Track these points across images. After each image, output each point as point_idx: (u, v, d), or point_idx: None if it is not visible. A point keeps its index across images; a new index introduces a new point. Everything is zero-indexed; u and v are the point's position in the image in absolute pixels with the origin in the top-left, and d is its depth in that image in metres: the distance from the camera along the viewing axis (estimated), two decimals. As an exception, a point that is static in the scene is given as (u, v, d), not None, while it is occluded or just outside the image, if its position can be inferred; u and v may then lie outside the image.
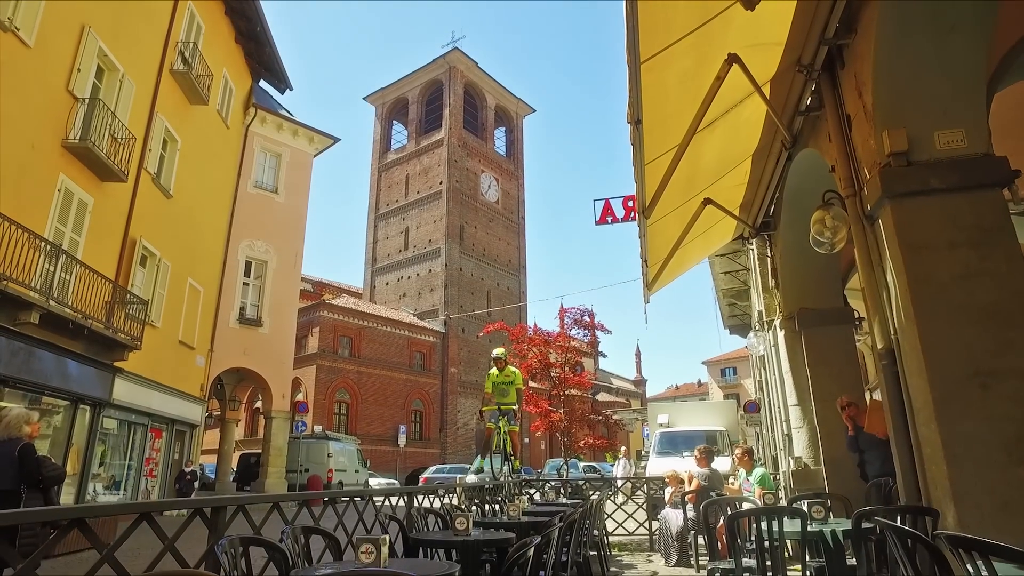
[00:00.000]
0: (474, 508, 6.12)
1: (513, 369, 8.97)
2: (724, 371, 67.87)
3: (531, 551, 2.29)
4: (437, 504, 5.47)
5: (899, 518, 3.17)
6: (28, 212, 10.45)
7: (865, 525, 3.30)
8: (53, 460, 5.63)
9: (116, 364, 13.06)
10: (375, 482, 25.36)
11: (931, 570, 2.17)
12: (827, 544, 3.45)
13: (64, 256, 11.22)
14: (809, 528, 3.60)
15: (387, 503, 4.32)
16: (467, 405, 42.14)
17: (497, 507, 7.11)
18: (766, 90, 4.60)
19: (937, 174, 3.50)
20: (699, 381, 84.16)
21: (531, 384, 25.25)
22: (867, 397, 7.13)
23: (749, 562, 4.06)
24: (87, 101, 12.15)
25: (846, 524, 3.76)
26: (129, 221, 14.00)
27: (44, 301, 10.16)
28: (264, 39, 20.54)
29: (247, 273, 20.69)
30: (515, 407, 8.81)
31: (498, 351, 9.05)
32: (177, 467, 16.67)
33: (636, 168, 4.05)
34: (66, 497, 11.59)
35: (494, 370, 8.88)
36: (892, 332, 3.82)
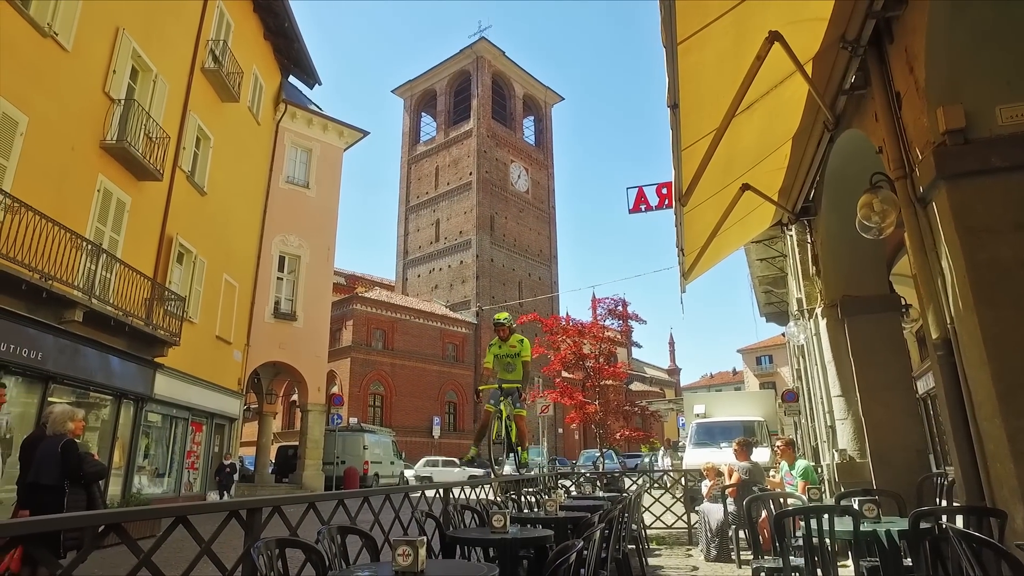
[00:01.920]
0: (510, 503, 6.06)
1: (520, 338, 7.15)
2: (760, 359, 66.71)
3: (573, 556, 2.21)
4: (473, 498, 5.42)
5: (962, 520, 2.99)
6: (70, 213, 10.69)
7: (923, 525, 3.13)
8: (95, 456, 5.73)
9: (157, 360, 13.35)
10: (410, 473, 25.60)
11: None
12: (881, 544, 3.29)
13: (105, 255, 11.46)
14: (861, 528, 3.44)
15: (423, 497, 4.28)
16: (500, 396, 42.22)
17: (533, 500, 7.05)
18: (808, 69, 4.40)
19: (999, 152, 3.28)
20: (734, 369, 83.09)
21: (564, 375, 25.10)
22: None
23: (796, 560, 3.92)
24: (123, 102, 12.37)
25: (900, 523, 3.59)
26: (166, 219, 14.25)
27: (87, 299, 10.40)
28: (292, 35, 20.67)
29: (281, 268, 20.95)
30: (520, 385, 7.01)
31: (501, 315, 7.17)
32: (217, 460, 17.02)
33: (674, 154, 3.90)
34: (113, 488, 11.93)
35: (496, 340, 7.16)
36: (948, 321, 3.62)
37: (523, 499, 6.83)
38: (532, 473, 17.16)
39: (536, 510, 6.46)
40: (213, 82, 16.45)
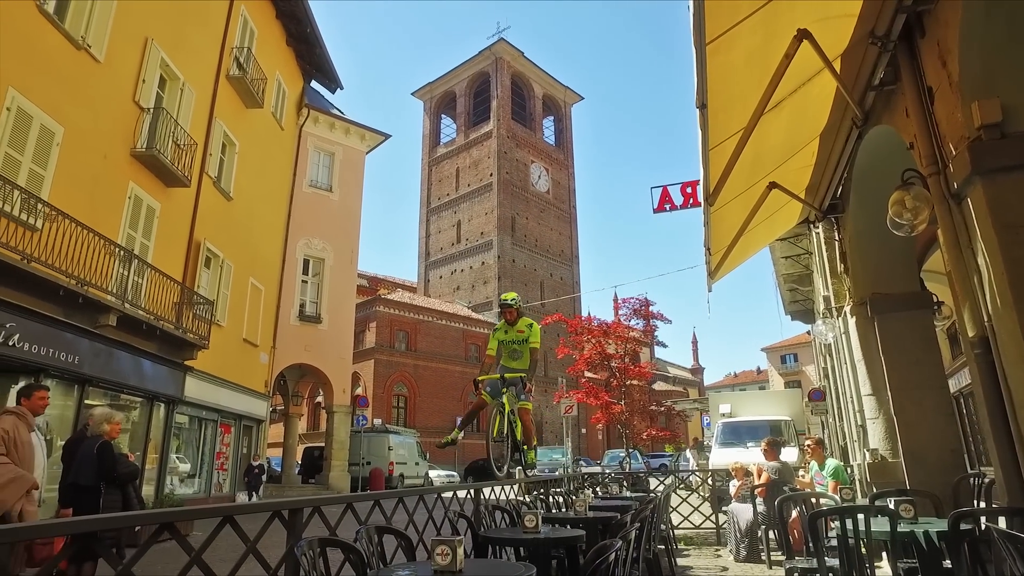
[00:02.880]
0: (539, 503, 6.08)
1: (529, 321, 6.23)
2: (784, 358, 65.93)
3: (612, 556, 2.23)
4: (503, 498, 5.45)
5: (1004, 521, 2.95)
6: (103, 219, 10.94)
7: (963, 527, 3.09)
8: (130, 457, 5.87)
9: (187, 363, 13.60)
10: (435, 474, 25.73)
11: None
12: (919, 546, 3.25)
13: (136, 260, 11.70)
14: (898, 528, 3.41)
15: (455, 497, 4.32)
16: (522, 396, 42.28)
17: (561, 500, 7.06)
18: (836, 65, 4.36)
19: (1037, 146, 3.23)
20: (758, 368, 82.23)
21: (587, 375, 25.04)
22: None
23: (831, 561, 3.89)
24: (152, 110, 12.63)
25: (938, 524, 3.54)
26: (193, 224, 14.52)
27: (120, 304, 10.64)
28: (314, 40, 20.92)
29: (305, 271, 21.21)
30: (525, 375, 5.99)
31: (508, 295, 6.27)
32: (246, 461, 17.28)
33: (702, 154, 3.89)
34: (146, 489, 12.17)
35: (501, 323, 6.27)
36: (985, 319, 3.56)
37: (551, 499, 6.84)
38: (557, 473, 17.19)
39: (565, 510, 6.48)
40: (238, 89, 16.71)
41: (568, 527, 4.56)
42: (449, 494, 4.23)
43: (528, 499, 6.42)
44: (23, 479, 4.70)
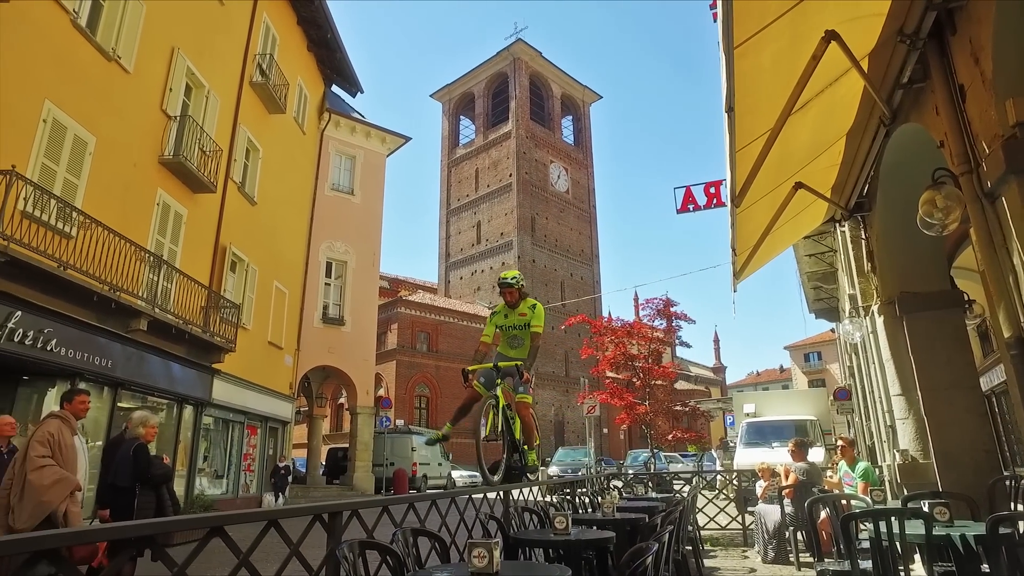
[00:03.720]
0: (566, 504, 6.11)
1: (532, 302, 5.40)
2: (808, 356, 65.11)
3: (650, 559, 2.25)
4: (531, 500, 5.49)
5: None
6: (133, 226, 11.17)
7: (1002, 530, 3.05)
8: (165, 460, 6.01)
9: (214, 366, 13.83)
10: (457, 475, 25.83)
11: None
12: (956, 549, 3.22)
13: (165, 266, 11.93)
14: (933, 532, 3.38)
15: (485, 499, 4.37)
16: (545, 396, 42.32)
17: (587, 500, 7.08)
18: (864, 65, 4.33)
19: (1073, 145, 3.18)
20: (781, 367, 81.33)
21: (609, 374, 24.96)
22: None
23: (864, 563, 3.86)
24: (178, 118, 12.86)
25: (975, 527, 3.51)
26: (219, 229, 14.76)
27: (151, 309, 10.87)
28: (335, 45, 21.13)
29: (328, 273, 21.44)
30: (525, 363, 5.09)
31: (509, 273, 5.33)
32: (272, 462, 17.52)
33: (729, 156, 3.90)
34: (177, 489, 12.38)
35: (501, 306, 5.45)
36: (1021, 319, 3.52)
37: (577, 500, 6.87)
38: (580, 474, 17.15)
39: (591, 511, 6.50)
40: (261, 95, 16.95)
41: (595, 528, 4.58)
42: (480, 496, 4.28)
43: (554, 500, 6.43)
44: (67, 481, 4.83)
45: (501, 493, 4.61)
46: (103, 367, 10.16)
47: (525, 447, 5.22)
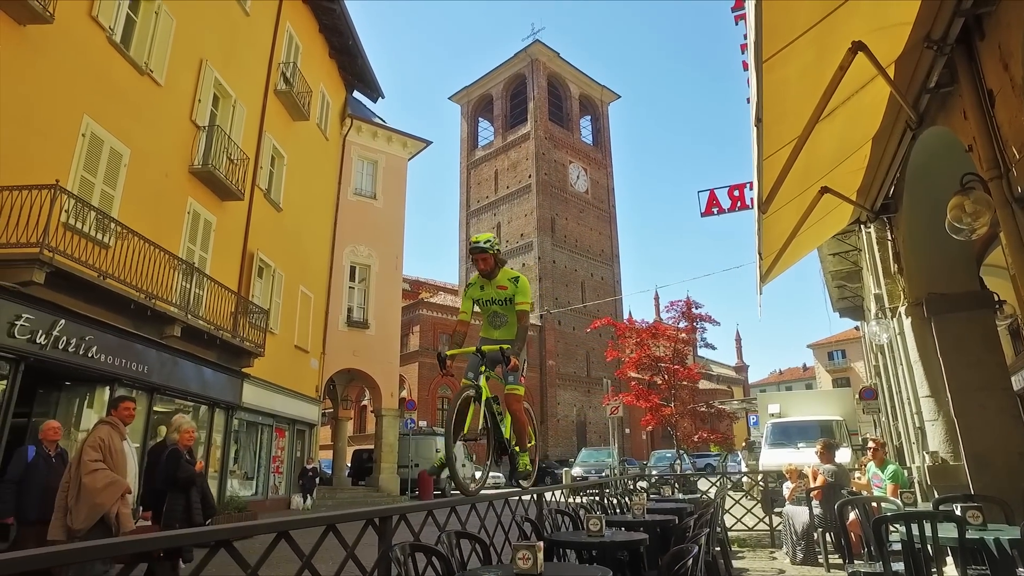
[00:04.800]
0: (596, 507, 6.20)
1: (514, 274, 4.51)
2: (832, 354, 64.27)
3: (691, 561, 2.34)
4: (563, 502, 5.60)
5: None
6: (165, 234, 11.47)
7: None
8: (199, 465, 6.18)
9: (244, 370, 14.11)
10: (479, 476, 25.95)
11: None
12: (990, 553, 3.26)
13: (197, 273, 12.23)
14: (967, 535, 3.42)
15: (520, 501, 4.49)
16: (567, 397, 42.38)
17: (615, 502, 7.16)
18: (890, 71, 4.37)
19: (1103, 151, 3.21)
20: (804, 365, 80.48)
21: (632, 375, 24.94)
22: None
23: (896, 565, 3.91)
24: (207, 128, 13.17)
25: (1009, 531, 3.54)
26: (247, 236, 15.06)
27: (184, 316, 11.15)
28: (356, 52, 21.40)
29: (352, 277, 21.71)
30: (510, 347, 4.26)
31: (481, 236, 4.43)
32: (299, 464, 17.80)
33: (756, 166, 3.97)
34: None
35: (475, 277, 4.57)
36: (1052, 324, 3.55)
37: (606, 501, 6.95)
38: (604, 475, 17.18)
39: (621, 512, 6.58)
40: (285, 103, 17.26)
41: (623, 529, 4.67)
42: (516, 499, 4.39)
43: (583, 501, 6.53)
44: (118, 484, 5.04)
45: (534, 496, 4.72)
46: (139, 372, 10.45)
47: (516, 448, 4.42)
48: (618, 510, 6.89)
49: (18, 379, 8.03)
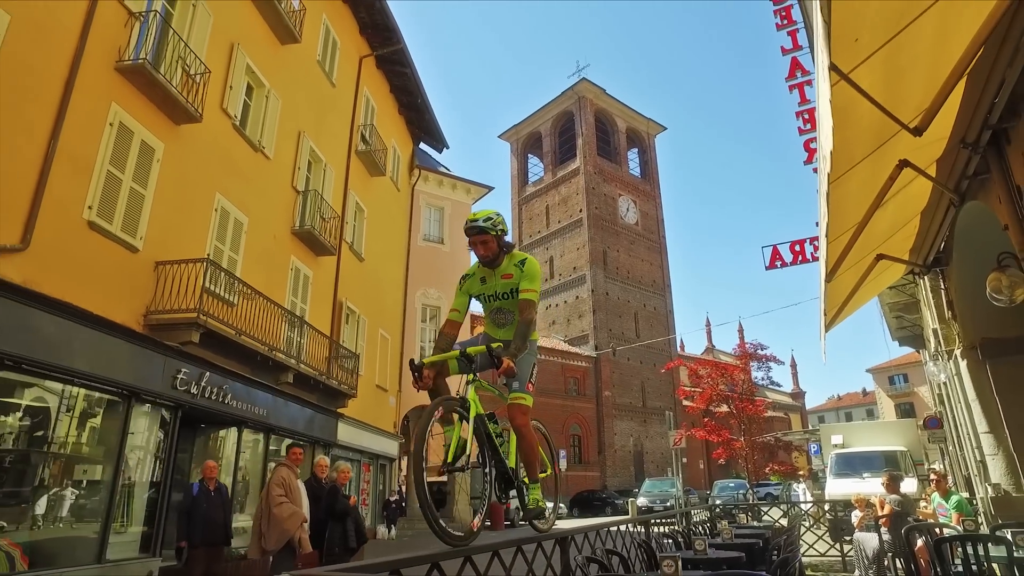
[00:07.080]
0: (689, 533, 7.08)
1: (523, 256, 3.48)
2: (892, 378, 62.08)
3: (796, 564, 3.26)
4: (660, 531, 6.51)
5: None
6: (275, 290, 12.95)
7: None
8: (351, 500, 7.34)
9: (339, 410, 15.44)
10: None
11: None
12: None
13: (301, 324, 13.67)
14: (1016, 555, 4.21)
15: (628, 528, 5.44)
16: (623, 427, 42.72)
17: (700, 529, 8.00)
18: (932, 170, 5.30)
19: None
20: (864, 390, 78.25)
21: (703, 407, 25.58)
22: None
23: (957, 583, 4.71)
24: (304, 193, 14.74)
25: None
26: (336, 286, 16.53)
27: (295, 364, 12.53)
28: (424, 108, 23.02)
29: (424, 319, 23.06)
30: (503, 345, 3.33)
31: (480, 213, 3.39)
32: (382, 496, 18.99)
33: (822, 246, 4.93)
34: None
35: (474, 267, 3.63)
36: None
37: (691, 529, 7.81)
38: (669, 504, 17.74)
39: (710, 537, 7.44)
40: (364, 161, 18.87)
41: (716, 551, 5.57)
42: (624, 527, 5.37)
43: (680, 528, 7.41)
44: (298, 514, 6.24)
45: (642, 525, 5.69)
46: (260, 415, 11.83)
47: (525, 480, 3.51)
48: (704, 535, 7.73)
49: (177, 424, 9.45)
